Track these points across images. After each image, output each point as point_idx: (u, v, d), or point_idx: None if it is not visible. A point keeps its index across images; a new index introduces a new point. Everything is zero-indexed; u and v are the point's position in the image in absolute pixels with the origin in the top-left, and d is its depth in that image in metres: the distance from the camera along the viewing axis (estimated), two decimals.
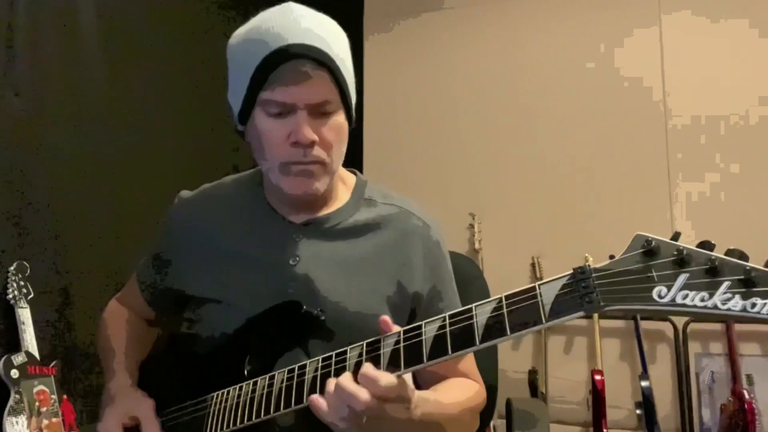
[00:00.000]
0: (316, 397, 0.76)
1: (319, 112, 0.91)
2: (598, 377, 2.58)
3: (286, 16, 0.90)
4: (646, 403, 2.52)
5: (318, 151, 0.91)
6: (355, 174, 1.11)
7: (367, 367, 0.74)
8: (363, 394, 0.72)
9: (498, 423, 2.47)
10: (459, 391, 0.98)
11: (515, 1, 3.15)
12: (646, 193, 2.81)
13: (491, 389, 1.13)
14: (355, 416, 0.73)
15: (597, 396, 2.55)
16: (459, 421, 0.95)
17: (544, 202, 2.95)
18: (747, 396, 2.39)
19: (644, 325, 2.69)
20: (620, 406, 2.69)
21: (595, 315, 2.71)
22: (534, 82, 3.06)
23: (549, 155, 2.99)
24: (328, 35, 0.90)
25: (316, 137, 0.90)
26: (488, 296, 1.32)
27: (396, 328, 0.79)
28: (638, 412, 2.58)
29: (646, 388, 2.54)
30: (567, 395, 2.80)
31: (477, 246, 2.96)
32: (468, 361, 1.05)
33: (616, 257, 0.66)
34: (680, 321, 2.66)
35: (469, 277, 1.16)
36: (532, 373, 2.78)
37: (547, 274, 2.86)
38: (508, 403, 2.52)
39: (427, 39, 3.30)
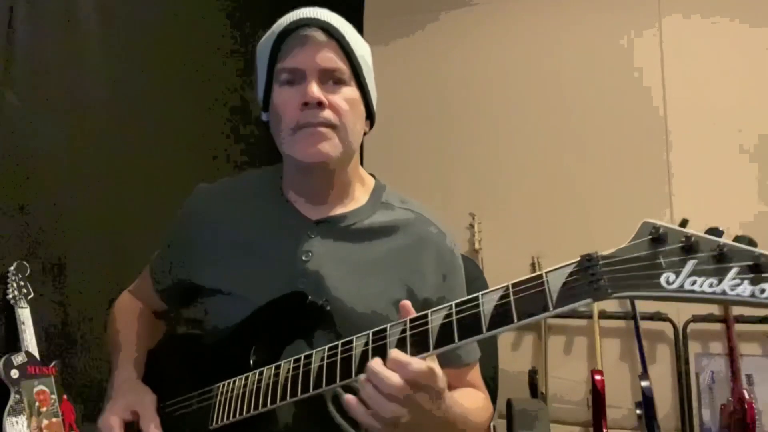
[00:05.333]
0: (350, 397, 0.75)
1: (330, 79, 0.94)
2: (598, 377, 2.57)
3: (303, 9, 0.96)
4: (646, 403, 2.52)
5: (327, 113, 0.93)
6: (374, 177, 1.11)
7: (396, 353, 0.73)
8: (395, 377, 0.72)
9: (498, 423, 2.47)
10: (472, 399, 1.00)
11: (515, 1, 3.15)
12: (646, 194, 2.81)
13: (491, 389, 1.13)
14: (388, 406, 0.72)
15: (597, 396, 2.55)
16: (478, 429, 0.96)
17: (544, 202, 2.95)
18: (747, 396, 2.38)
19: (644, 325, 2.69)
20: (620, 406, 2.69)
21: (596, 314, 2.71)
22: (533, 82, 3.06)
23: (549, 155, 2.99)
24: (343, 24, 0.97)
25: (324, 99, 0.92)
26: None
27: (414, 314, 0.79)
28: (638, 412, 2.58)
29: (646, 388, 2.53)
30: (567, 395, 2.80)
31: (477, 246, 2.96)
32: (474, 372, 1.06)
33: (623, 245, 0.65)
34: (680, 321, 2.66)
35: (469, 277, 1.16)
36: (532, 373, 2.78)
37: None
38: (509, 403, 2.54)
39: (427, 39, 3.30)
